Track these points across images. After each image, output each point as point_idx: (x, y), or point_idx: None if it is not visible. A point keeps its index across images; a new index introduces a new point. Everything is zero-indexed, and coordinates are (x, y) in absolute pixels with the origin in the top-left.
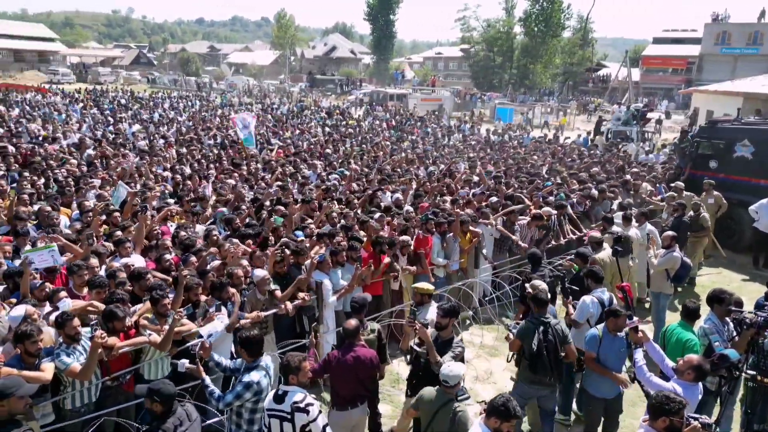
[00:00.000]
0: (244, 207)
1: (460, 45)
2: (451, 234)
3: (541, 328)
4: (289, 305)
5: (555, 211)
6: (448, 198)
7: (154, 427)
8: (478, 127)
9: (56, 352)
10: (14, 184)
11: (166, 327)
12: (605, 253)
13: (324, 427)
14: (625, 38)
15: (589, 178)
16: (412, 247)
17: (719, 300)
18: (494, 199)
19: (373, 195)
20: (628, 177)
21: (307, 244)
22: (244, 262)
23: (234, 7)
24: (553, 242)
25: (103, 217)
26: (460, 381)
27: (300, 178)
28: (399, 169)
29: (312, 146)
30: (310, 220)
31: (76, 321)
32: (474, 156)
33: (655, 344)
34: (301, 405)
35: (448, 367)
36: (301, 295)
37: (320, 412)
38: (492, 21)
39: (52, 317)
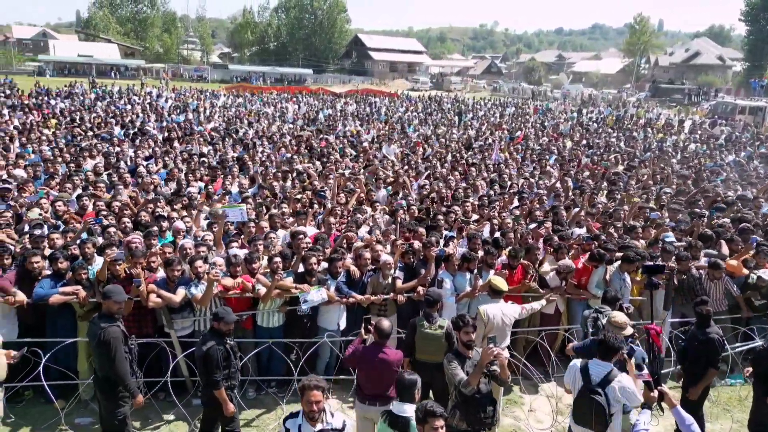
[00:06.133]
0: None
1: None
2: (617, 265)
3: None
4: (401, 296)
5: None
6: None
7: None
8: None
9: (190, 284)
10: None
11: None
12: None
13: None
14: None
15: None
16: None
17: None
18: (670, 236)
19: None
20: None
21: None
22: (378, 247)
23: (594, 15)
24: None
25: None
26: None
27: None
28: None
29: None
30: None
31: (199, 262)
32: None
33: (684, 413)
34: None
35: None
36: (420, 289)
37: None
38: None
39: (221, 260)
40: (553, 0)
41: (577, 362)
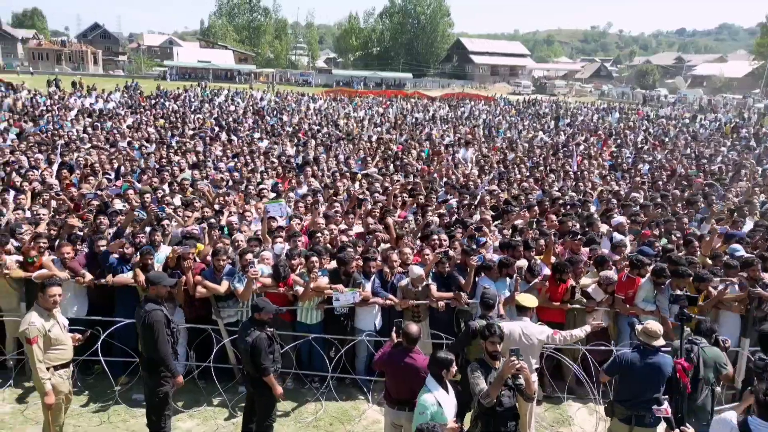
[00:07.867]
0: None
1: None
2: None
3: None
4: (441, 302)
5: None
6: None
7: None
8: None
9: (235, 275)
10: None
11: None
12: None
13: None
14: None
15: None
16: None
17: None
18: (738, 248)
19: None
20: None
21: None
22: (407, 250)
23: (723, 14)
24: None
25: None
26: None
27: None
28: None
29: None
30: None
31: (249, 256)
32: None
33: None
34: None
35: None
36: (463, 295)
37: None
38: None
39: (269, 254)
40: None
41: (729, 416)
